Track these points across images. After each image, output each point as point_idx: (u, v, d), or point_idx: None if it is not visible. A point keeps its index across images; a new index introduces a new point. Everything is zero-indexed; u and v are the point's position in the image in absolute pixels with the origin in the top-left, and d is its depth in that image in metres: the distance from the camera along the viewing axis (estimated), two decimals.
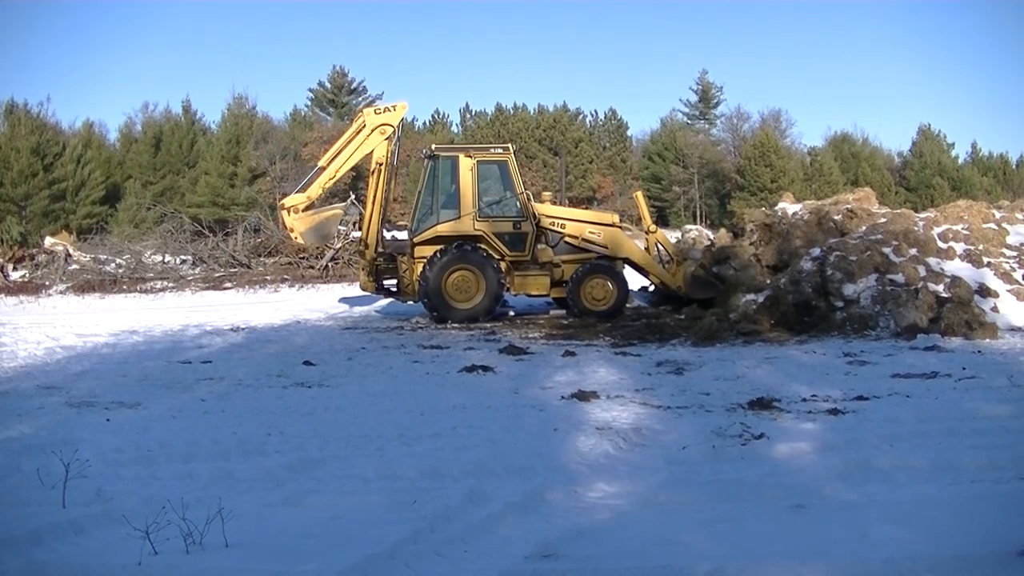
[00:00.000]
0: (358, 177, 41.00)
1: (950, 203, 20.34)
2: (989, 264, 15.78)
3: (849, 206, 18.06)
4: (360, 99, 71.27)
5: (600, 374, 11.52)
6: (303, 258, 28.91)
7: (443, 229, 17.69)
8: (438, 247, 17.51)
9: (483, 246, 17.71)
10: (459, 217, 17.69)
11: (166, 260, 30.90)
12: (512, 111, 70.34)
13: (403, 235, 17.74)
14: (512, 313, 18.99)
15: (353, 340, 15.36)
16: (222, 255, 30.08)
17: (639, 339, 14.84)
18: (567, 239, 18.42)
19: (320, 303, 21.68)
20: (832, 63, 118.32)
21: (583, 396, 9.78)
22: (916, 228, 16.52)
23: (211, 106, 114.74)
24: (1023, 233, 17.45)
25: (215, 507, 5.57)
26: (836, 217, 17.53)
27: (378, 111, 18.34)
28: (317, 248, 27.44)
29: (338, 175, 18.36)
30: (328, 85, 70.78)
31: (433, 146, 19.31)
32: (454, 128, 72.64)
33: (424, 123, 72.70)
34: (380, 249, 18.17)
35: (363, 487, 6.75)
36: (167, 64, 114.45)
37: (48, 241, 32.94)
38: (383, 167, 18.04)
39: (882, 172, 68.01)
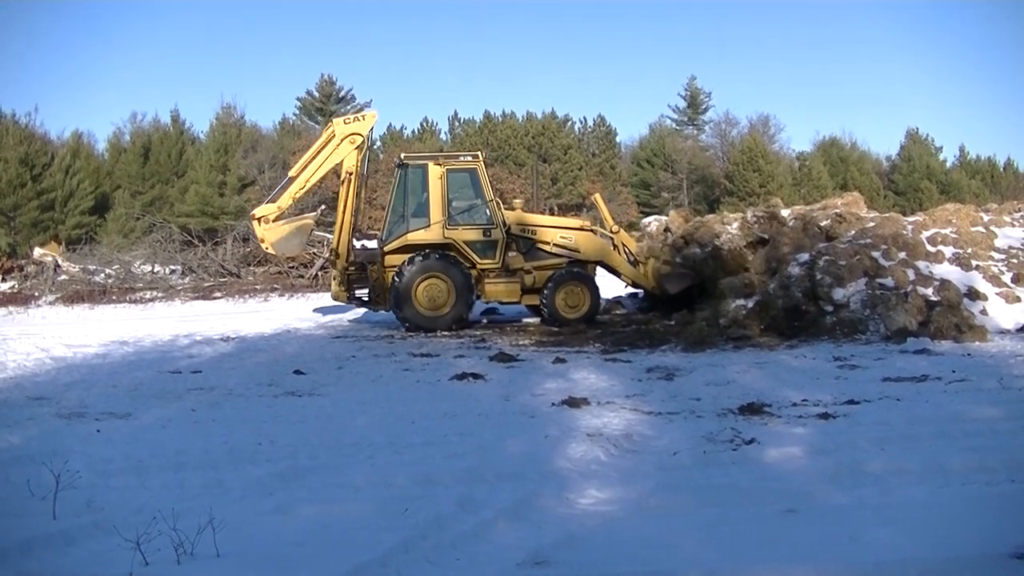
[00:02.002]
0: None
1: (938, 207, 20.44)
2: (978, 267, 15.84)
3: (838, 210, 18.11)
4: (348, 107, 71.05)
5: (591, 380, 11.52)
6: (293, 267, 28.91)
7: (413, 237, 17.68)
8: (408, 255, 17.51)
9: (453, 254, 17.70)
10: (429, 225, 17.68)
11: (155, 270, 30.85)
12: (500, 118, 70.28)
13: (373, 244, 17.64)
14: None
15: (343, 348, 15.34)
16: (211, 264, 30.08)
17: (629, 345, 14.85)
18: (539, 245, 18.40)
19: (310, 312, 21.67)
20: (820, 68, 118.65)
21: (574, 403, 9.78)
22: (905, 232, 16.56)
23: (200, 115, 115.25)
24: (1011, 236, 17.52)
25: (206, 517, 5.55)
26: (825, 222, 17.57)
27: (347, 121, 18.40)
28: (306, 257, 27.45)
29: (308, 185, 18.39)
30: (316, 94, 70.57)
31: (403, 155, 19.28)
32: (443, 136, 72.44)
33: (413, 131, 72.51)
34: (351, 258, 18.17)
35: (354, 495, 6.73)
36: (155, 74, 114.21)
37: (37, 251, 32.84)
38: (353, 176, 18.08)
39: (870, 176, 68.22)
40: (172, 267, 31.09)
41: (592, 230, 19.01)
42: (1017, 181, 69.84)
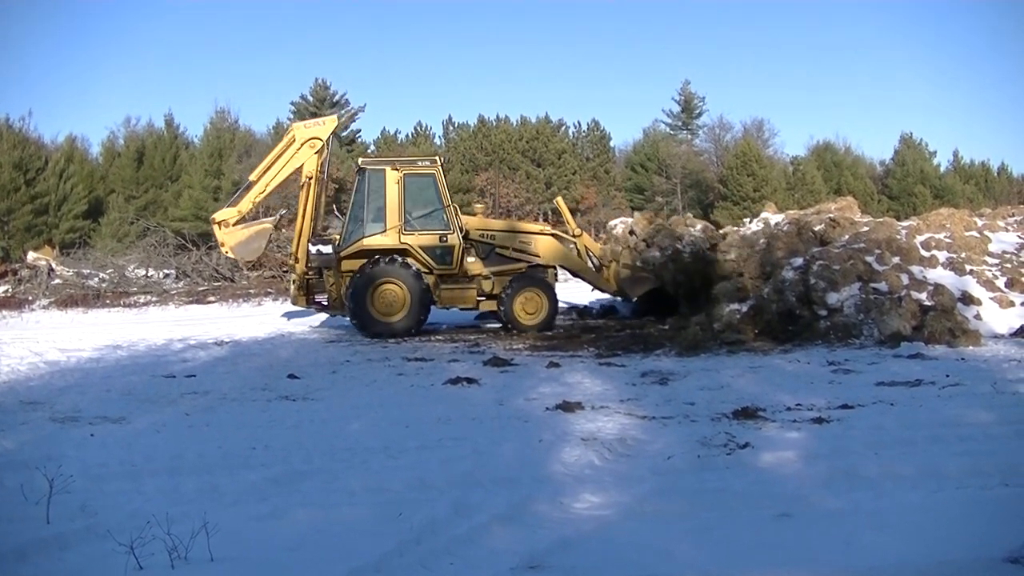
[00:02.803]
0: (341, 190, 40.87)
1: (932, 211, 20.49)
2: (972, 272, 15.88)
3: (832, 215, 18.15)
4: (342, 112, 71.10)
5: (585, 385, 11.51)
6: (287, 271, 28.87)
7: (369, 243, 17.67)
8: (364, 261, 17.51)
9: (410, 260, 17.67)
10: (385, 230, 17.66)
11: (149, 274, 30.80)
12: (495, 123, 70.36)
13: (328, 248, 17.55)
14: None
15: (337, 353, 15.32)
16: (205, 269, 30.03)
17: (623, 350, 14.84)
18: (498, 250, 18.39)
19: (304, 316, 21.63)
20: (815, 73, 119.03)
21: (568, 407, 9.78)
22: (899, 236, 16.60)
23: (194, 120, 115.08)
24: (1005, 241, 17.57)
25: (200, 521, 5.55)
26: (819, 227, 17.59)
27: (308, 125, 18.48)
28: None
29: (268, 189, 18.45)
30: (310, 98, 70.55)
31: (361, 160, 19.26)
32: (437, 140, 72.59)
33: (407, 135, 72.64)
34: (309, 263, 18.16)
35: (348, 500, 6.73)
36: (149, 78, 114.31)
37: (31, 256, 32.72)
38: (313, 181, 18.12)
39: (864, 181, 68.34)
40: (166, 271, 31.04)
41: (553, 234, 18.96)
42: (1011, 186, 69.99)
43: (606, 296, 20.26)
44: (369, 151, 65.98)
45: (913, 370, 11.71)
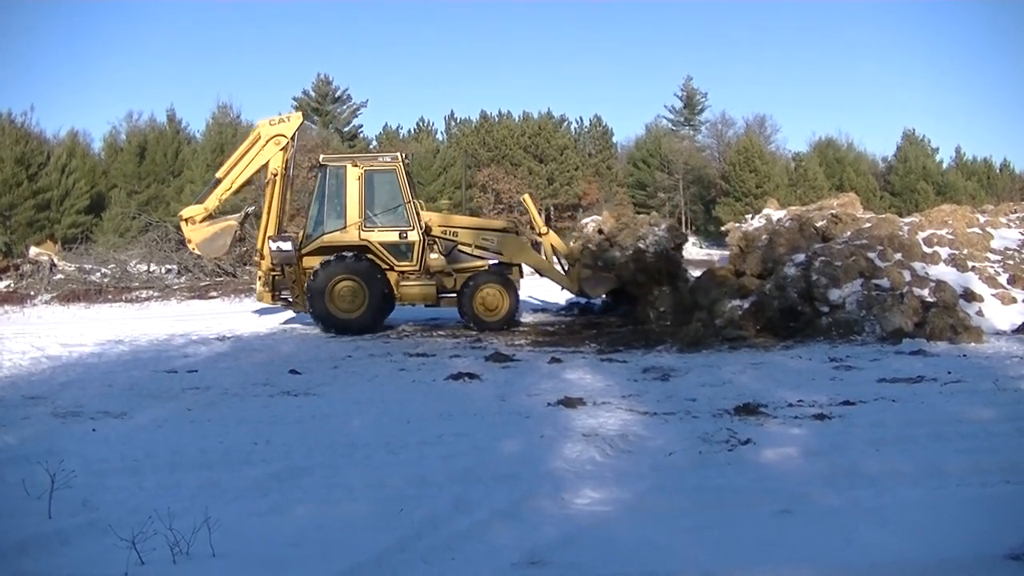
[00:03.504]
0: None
1: (935, 208, 20.47)
2: (974, 268, 15.88)
3: (834, 211, 18.15)
4: (344, 107, 71.15)
5: (586, 381, 11.52)
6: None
7: (329, 239, 17.70)
8: (324, 257, 17.53)
9: (370, 256, 17.68)
10: (345, 227, 17.68)
11: (151, 269, 30.80)
12: (497, 118, 70.22)
13: (288, 245, 17.51)
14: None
15: (339, 348, 15.32)
16: (207, 264, 30.00)
17: (625, 345, 14.85)
18: (460, 247, 18.35)
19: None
20: (817, 69, 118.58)
21: (569, 403, 9.78)
22: (901, 233, 16.60)
23: (196, 115, 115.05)
24: (1007, 237, 17.58)
25: (201, 516, 5.56)
26: (820, 223, 17.58)
27: (273, 122, 18.43)
28: None
29: (234, 187, 18.46)
30: (312, 94, 70.45)
31: (322, 157, 19.29)
32: (439, 136, 72.45)
33: (409, 131, 72.46)
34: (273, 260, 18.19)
35: (349, 496, 6.73)
36: (151, 73, 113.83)
37: (33, 251, 32.73)
38: (278, 178, 18.14)
39: (867, 177, 68.14)
40: (168, 266, 31.02)
41: (516, 232, 18.83)
42: (1013, 182, 69.73)
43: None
44: (371, 146, 65.87)
45: (915, 367, 11.71)
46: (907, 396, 9.86)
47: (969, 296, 15.14)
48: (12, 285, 28.78)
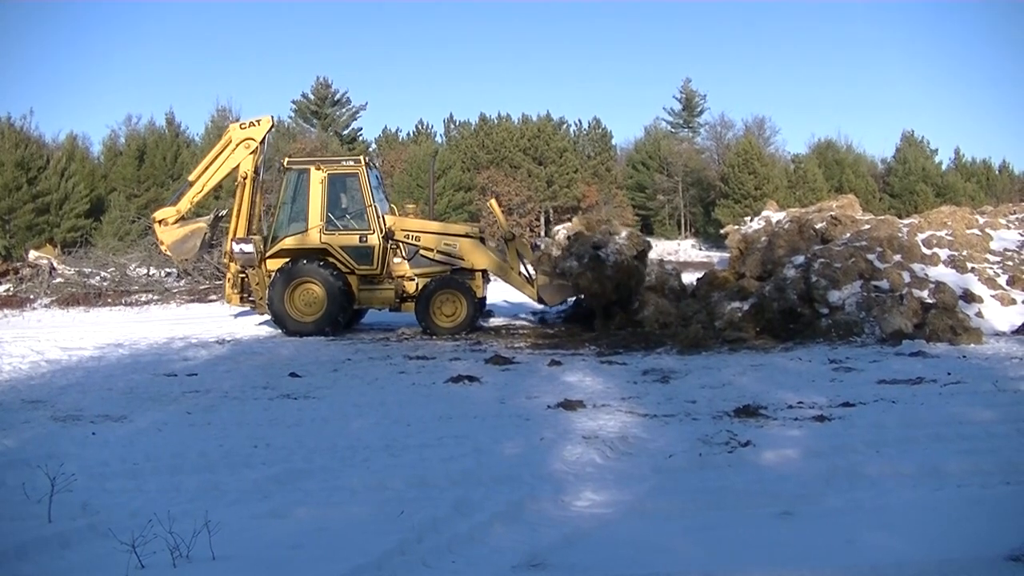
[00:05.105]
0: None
1: (934, 209, 20.50)
2: (973, 270, 15.89)
3: (833, 213, 18.15)
4: (343, 110, 71.23)
5: (586, 383, 11.51)
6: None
7: (290, 242, 17.77)
8: (286, 260, 17.60)
9: (330, 259, 17.70)
10: (307, 230, 17.73)
11: (151, 273, 30.81)
12: (496, 121, 70.25)
13: (249, 247, 17.53)
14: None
15: (339, 351, 15.32)
16: (207, 267, 29.98)
17: (625, 348, 14.85)
18: (423, 252, 18.28)
19: None
20: (816, 71, 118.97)
21: (569, 405, 9.78)
22: (900, 234, 16.61)
23: (195, 118, 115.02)
24: (1007, 238, 17.58)
25: (202, 520, 5.56)
26: (820, 224, 17.58)
27: (243, 126, 18.66)
28: None
29: (206, 189, 18.73)
30: (312, 96, 70.56)
31: (286, 160, 19.32)
32: (438, 138, 72.49)
33: (408, 133, 72.54)
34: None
35: (350, 498, 6.73)
36: (150, 77, 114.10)
37: (32, 254, 32.66)
38: (248, 180, 18.29)
39: (866, 179, 68.13)
40: (167, 270, 31.00)
41: (480, 237, 18.76)
42: (1012, 184, 69.74)
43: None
44: (371, 149, 65.95)
45: (914, 368, 11.71)
46: (907, 397, 9.87)
47: (968, 297, 15.15)
48: (12, 289, 28.74)
